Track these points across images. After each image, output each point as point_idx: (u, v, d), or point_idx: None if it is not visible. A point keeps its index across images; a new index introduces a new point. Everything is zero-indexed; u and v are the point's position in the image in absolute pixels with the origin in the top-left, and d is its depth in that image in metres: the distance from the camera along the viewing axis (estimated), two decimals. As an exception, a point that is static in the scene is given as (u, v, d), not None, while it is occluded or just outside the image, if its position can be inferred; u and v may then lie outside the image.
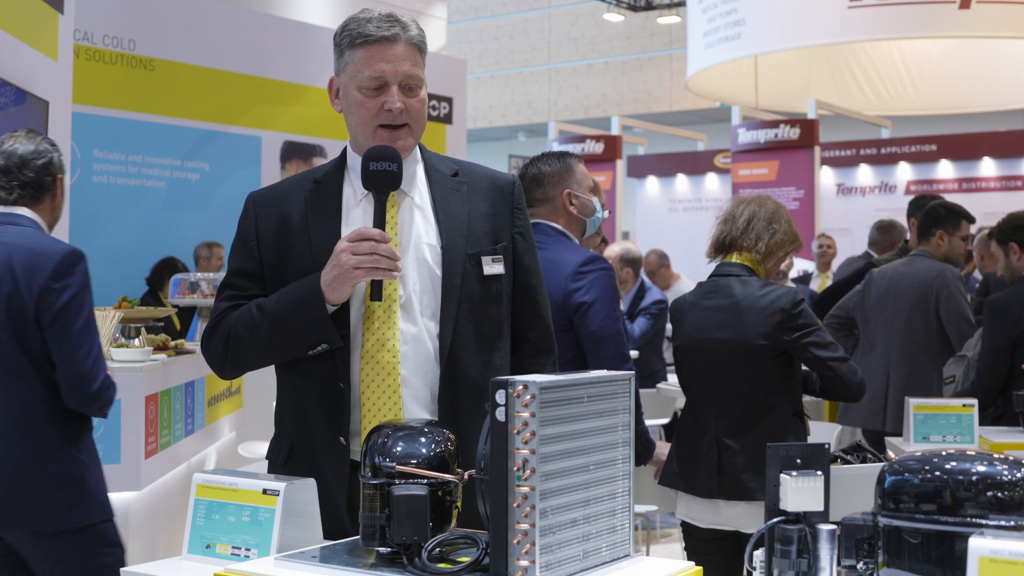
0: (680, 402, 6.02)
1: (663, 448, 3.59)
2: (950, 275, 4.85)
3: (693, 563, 1.73)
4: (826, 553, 1.61)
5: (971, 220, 5.16)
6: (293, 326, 2.18)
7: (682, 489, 3.41)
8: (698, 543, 3.42)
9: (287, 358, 2.25)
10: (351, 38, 2.25)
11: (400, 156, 2.20)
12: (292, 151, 8.94)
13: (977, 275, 6.53)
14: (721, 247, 3.46)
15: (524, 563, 1.56)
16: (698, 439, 3.37)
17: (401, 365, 2.19)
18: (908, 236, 5.76)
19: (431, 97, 9.80)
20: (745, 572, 1.72)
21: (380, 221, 2.17)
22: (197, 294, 5.42)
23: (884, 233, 6.81)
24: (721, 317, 3.36)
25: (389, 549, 1.72)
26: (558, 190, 3.46)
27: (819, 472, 1.66)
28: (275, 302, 2.21)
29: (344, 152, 2.35)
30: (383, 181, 2.18)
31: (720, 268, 3.45)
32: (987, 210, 12.05)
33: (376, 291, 2.16)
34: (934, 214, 5.03)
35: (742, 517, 3.29)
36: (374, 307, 2.20)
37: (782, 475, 1.66)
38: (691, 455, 3.38)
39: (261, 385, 4.66)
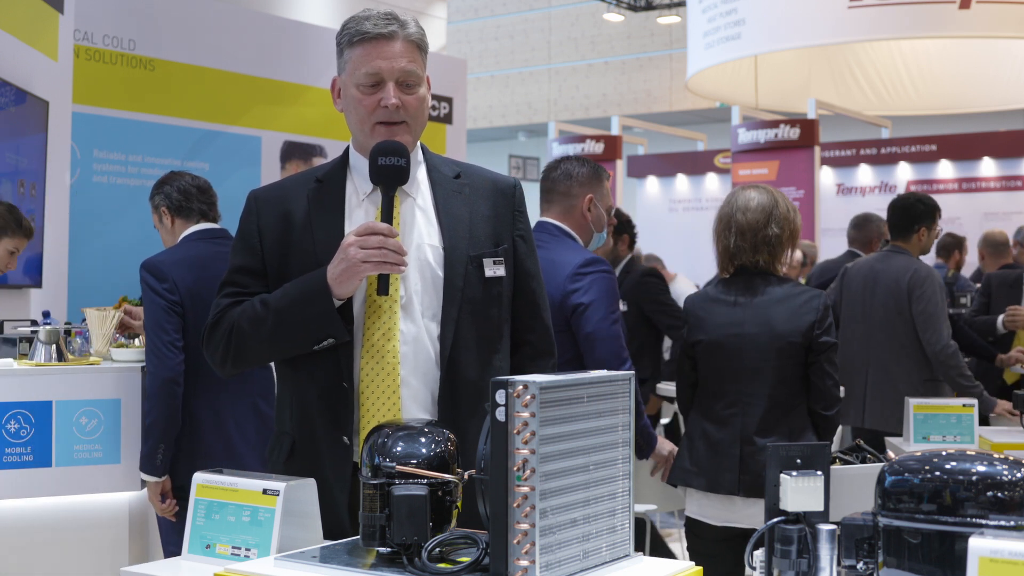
0: (680, 402, 6.01)
1: (664, 444, 3.59)
2: (924, 272, 4.82)
3: (693, 563, 1.73)
4: (826, 553, 1.61)
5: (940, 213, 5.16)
6: (299, 320, 2.18)
7: (698, 487, 3.36)
8: (706, 543, 3.38)
9: (291, 353, 2.25)
10: (350, 36, 2.26)
11: (407, 151, 2.20)
12: (292, 151, 8.93)
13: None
14: (729, 261, 3.44)
15: (524, 563, 1.56)
16: (719, 436, 3.34)
17: (401, 366, 2.19)
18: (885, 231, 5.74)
19: (431, 97, 9.78)
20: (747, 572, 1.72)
21: (388, 216, 2.18)
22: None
23: (860, 229, 6.76)
24: (752, 313, 3.34)
25: (389, 549, 1.72)
26: (583, 192, 3.50)
27: (819, 472, 1.66)
28: (280, 297, 2.21)
29: (347, 151, 2.35)
30: (391, 176, 2.18)
31: (741, 268, 3.43)
32: (987, 210, 12.06)
33: (383, 286, 2.16)
34: (914, 211, 5.00)
35: (759, 515, 3.26)
36: (375, 306, 2.20)
37: (782, 475, 1.66)
38: (710, 452, 3.34)
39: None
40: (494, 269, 2.28)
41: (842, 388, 3.40)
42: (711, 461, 3.34)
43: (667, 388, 6.07)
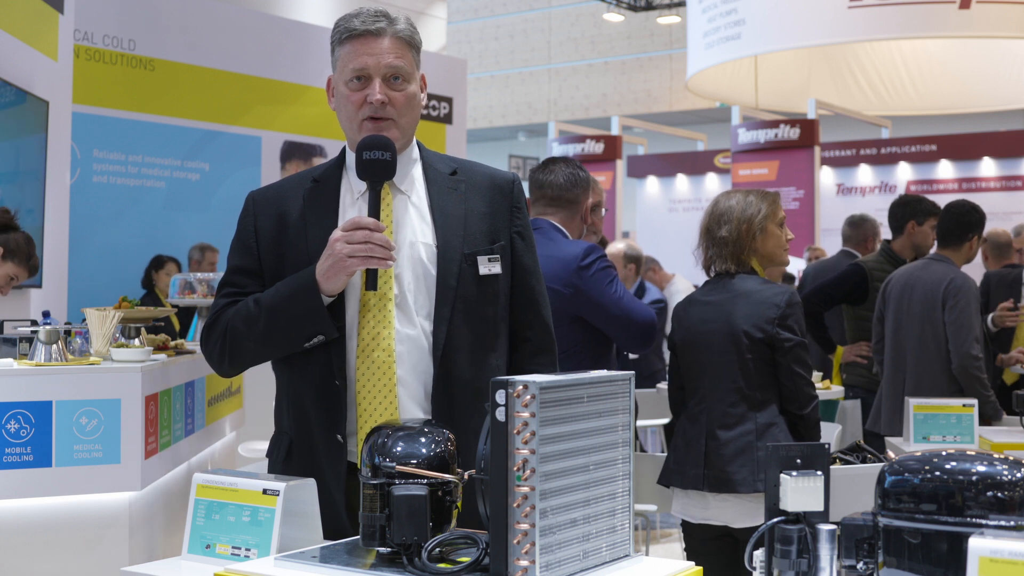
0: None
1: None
2: (960, 282, 4.73)
3: (693, 563, 1.73)
4: (826, 553, 1.61)
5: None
6: (289, 317, 2.18)
7: (676, 484, 3.44)
8: (697, 543, 3.45)
9: (285, 351, 2.25)
10: (339, 34, 2.26)
11: (394, 145, 2.20)
12: (292, 151, 8.94)
13: None
14: (708, 265, 3.54)
15: (524, 563, 1.56)
16: (691, 432, 3.42)
17: (396, 364, 2.19)
18: (891, 236, 5.69)
19: (431, 97, 9.83)
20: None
21: (375, 211, 2.18)
22: (197, 294, 5.42)
23: (856, 228, 6.71)
24: (717, 310, 3.42)
25: (389, 549, 1.72)
26: (586, 196, 3.57)
27: (819, 472, 1.66)
28: (271, 295, 2.22)
29: (343, 151, 2.35)
30: (376, 170, 2.18)
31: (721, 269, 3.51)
32: (987, 210, 11.95)
33: (371, 280, 2.15)
34: (969, 219, 4.88)
35: (730, 512, 3.32)
36: (370, 305, 2.20)
37: (782, 475, 1.65)
38: (684, 448, 3.43)
39: (261, 384, 4.67)
40: (489, 267, 2.27)
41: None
42: (684, 457, 3.41)
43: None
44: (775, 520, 1.64)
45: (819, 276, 6.50)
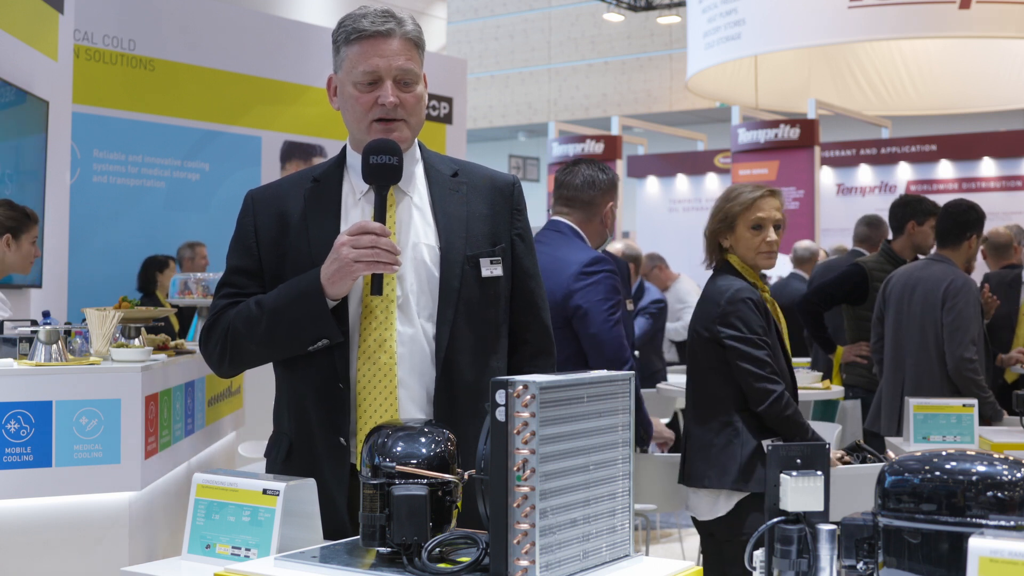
0: (680, 402, 6.02)
1: (660, 425, 3.84)
2: (960, 282, 4.71)
3: (693, 563, 1.73)
4: (826, 553, 1.61)
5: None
6: (293, 321, 2.17)
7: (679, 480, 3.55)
8: (702, 535, 3.55)
9: (287, 354, 2.24)
10: (347, 34, 2.24)
11: (400, 149, 2.19)
12: (292, 151, 8.93)
13: None
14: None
15: (524, 563, 1.56)
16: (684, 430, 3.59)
17: (398, 366, 2.19)
18: (890, 235, 5.69)
19: (431, 97, 9.84)
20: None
21: (381, 215, 2.17)
22: (195, 294, 5.42)
23: (875, 228, 6.69)
24: (695, 311, 3.52)
25: (389, 549, 1.72)
26: (606, 200, 3.56)
27: (819, 472, 1.66)
28: (274, 297, 2.20)
29: (344, 150, 2.34)
30: (383, 175, 2.17)
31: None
32: (987, 210, 11.91)
33: (376, 285, 2.15)
34: (966, 218, 4.86)
35: (695, 504, 3.42)
36: (372, 307, 2.19)
37: (782, 475, 1.65)
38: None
39: (261, 384, 4.67)
40: (491, 269, 2.26)
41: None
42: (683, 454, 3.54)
43: (668, 388, 6.06)
44: (775, 520, 1.64)
45: (825, 275, 6.49)
